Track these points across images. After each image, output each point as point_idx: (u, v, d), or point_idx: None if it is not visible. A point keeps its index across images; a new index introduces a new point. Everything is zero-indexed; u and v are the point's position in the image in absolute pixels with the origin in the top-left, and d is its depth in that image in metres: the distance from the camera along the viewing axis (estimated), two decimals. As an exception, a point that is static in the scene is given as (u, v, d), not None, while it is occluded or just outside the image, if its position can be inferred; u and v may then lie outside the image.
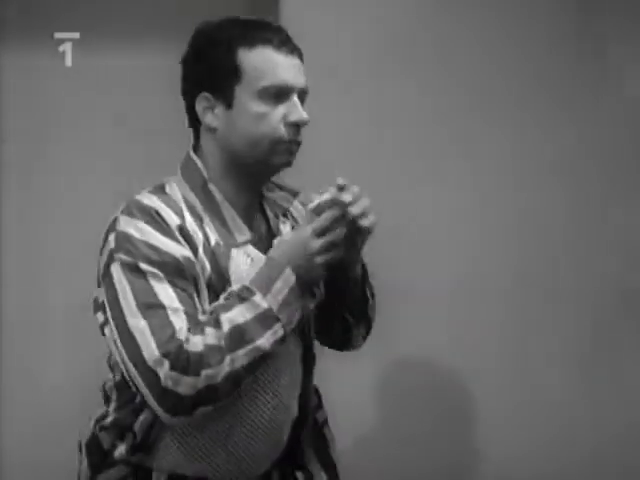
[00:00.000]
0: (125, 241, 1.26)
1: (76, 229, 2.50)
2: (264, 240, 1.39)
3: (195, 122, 1.38)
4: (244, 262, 1.33)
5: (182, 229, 1.28)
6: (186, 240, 1.28)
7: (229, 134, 1.33)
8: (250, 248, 1.35)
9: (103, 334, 1.31)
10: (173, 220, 1.28)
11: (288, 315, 1.25)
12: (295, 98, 1.33)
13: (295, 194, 1.48)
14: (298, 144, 1.35)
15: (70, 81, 2.64)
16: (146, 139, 2.62)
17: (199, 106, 1.34)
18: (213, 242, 1.32)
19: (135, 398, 1.30)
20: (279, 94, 1.31)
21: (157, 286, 1.23)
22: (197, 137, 1.40)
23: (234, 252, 1.33)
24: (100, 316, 1.31)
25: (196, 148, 1.40)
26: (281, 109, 1.31)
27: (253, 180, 1.39)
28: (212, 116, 1.34)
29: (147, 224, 1.27)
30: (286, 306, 1.25)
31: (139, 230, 1.26)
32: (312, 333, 1.45)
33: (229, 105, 1.32)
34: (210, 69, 1.33)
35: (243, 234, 1.35)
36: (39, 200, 2.62)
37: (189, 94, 1.37)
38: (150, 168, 2.47)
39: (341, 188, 1.25)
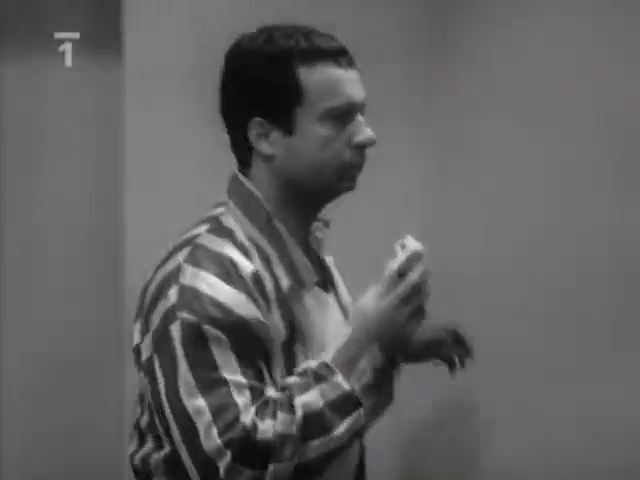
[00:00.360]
0: (192, 297, 1.09)
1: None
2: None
3: (243, 147, 1.23)
4: (317, 311, 1.22)
5: (256, 277, 1.14)
6: (259, 290, 1.13)
7: (290, 162, 1.19)
8: (317, 290, 1.24)
9: (151, 391, 1.15)
10: (247, 268, 1.13)
11: (371, 400, 1.10)
12: (360, 117, 1.20)
13: (327, 224, 1.34)
14: (361, 167, 1.23)
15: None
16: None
17: (251, 133, 1.20)
18: (285, 287, 1.18)
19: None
20: (344, 114, 1.18)
21: (219, 356, 1.07)
22: (246, 163, 1.24)
23: (306, 298, 1.21)
24: (144, 377, 1.16)
25: (246, 174, 1.25)
26: (346, 130, 1.19)
27: (312, 210, 1.27)
28: (268, 143, 1.19)
29: (218, 277, 1.11)
30: (370, 389, 1.09)
31: (210, 285, 1.10)
32: None
33: (289, 131, 1.18)
34: (265, 92, 1.18)
35: (310, 274, 1.23)
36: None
37: (236, 118, 1.22)
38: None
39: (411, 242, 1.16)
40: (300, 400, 1.06)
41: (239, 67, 1.21)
